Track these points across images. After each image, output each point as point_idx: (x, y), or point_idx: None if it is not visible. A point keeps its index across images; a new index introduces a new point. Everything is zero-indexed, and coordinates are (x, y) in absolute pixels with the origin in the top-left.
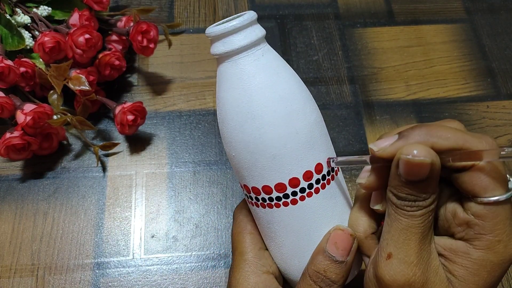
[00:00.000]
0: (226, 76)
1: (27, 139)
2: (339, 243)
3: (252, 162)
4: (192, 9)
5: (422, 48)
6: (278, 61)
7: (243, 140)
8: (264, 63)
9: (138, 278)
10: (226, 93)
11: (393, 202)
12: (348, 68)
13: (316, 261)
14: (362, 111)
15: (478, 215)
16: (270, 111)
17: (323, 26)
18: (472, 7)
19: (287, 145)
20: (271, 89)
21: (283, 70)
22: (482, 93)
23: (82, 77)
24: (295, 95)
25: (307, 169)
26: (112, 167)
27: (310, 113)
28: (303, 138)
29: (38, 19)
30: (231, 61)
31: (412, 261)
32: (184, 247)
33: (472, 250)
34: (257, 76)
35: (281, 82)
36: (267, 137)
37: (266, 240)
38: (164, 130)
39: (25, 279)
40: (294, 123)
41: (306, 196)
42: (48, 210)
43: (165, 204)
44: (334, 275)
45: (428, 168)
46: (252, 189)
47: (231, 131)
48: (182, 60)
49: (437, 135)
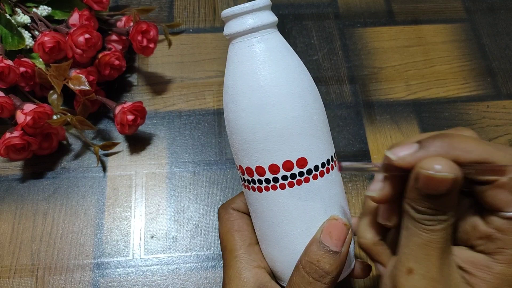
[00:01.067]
0: (227, 57)
1: (27, 139)
2: (333, 233)
3: (231, 141)
4: (192, 9)
5: (422, 48)
6: (274, 52)
7: (226, 118)
8: (254, 51)
9: (138, 278)
10: (225, 72)
11: (412, 215)
12: (348, 68)
13: (309, 252)
14: (362, 111)
15: (500, 229)
16: (246, 97)
17: (323, 26)
18: (472, 7)
19: (256, 134)
20: (251, 77)
21: (276, 61)
22: (482, 93)
23: (82, 77)
24: (276, 88)
25: (272, 162)
26: (112, 167)
27: (291, 109)
28: (274, 131)
29: (38, 19)
30: (231, 44)
31: (434, 276)
32: (184, 247)
33: (493, 264)
34: (244, 62)
35: (266, 72)
36: (240, 121)
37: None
38: (164, 130)
39: (25, 279)
40: (267, 115)
41: (270, 188)
42: (48, 210)
43: (165, 204)
44: (328, 265)
45: (451, 183)
46: (238, 167)
47: (223, 107)
48: (182, 60)
49: (460, 148)
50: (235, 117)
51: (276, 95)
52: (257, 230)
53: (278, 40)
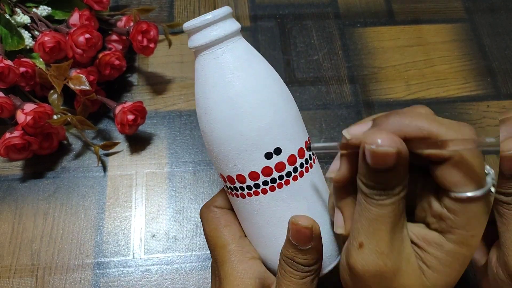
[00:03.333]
0: (195, 69)
1: (27, 139)
2: (297, 235)
3: (209, 152)
4: (192, 9)
5: (422, 48)
6: (240, 60)
7: (202, 130)
8: (220, 62)
9: (138, 278)
10: (195, 85)
11: (363, 190)
12: (348, 67)
13: (285, 248)
14: (362, 110)
15: (450, 210)
16: (218, 110)
17: (323, 26)
18: (472, 7)
19: (231, 145)
20: (221, 89)
21: (243, 70)
22: (482, 92)
23: (82, 76)
24: (247, 98)
25: (252, 170)
26: (112, 167)
27: (263, 117)
28: (249, 141)
29: (38, 19)
30: (198, 57)
31: (383, 251)
32: (184, 247)
33: (445, 242)
34: (212, 75)
35: (234, 82)
36: (215, 133)
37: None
38: (164, 130)
39: (25, 279)
40: (239, 126)
41: (253, 194)
42: (48, 210)
43: (165, 204)
44: (303, 260)
45: (394, 157)
46: (220, 175)
47: (198, 119)
48: (182, 59)
49: (410, 125)
50: (210, 129)
51: (247, 105)
52: (247, 232)
53: (243, 47)
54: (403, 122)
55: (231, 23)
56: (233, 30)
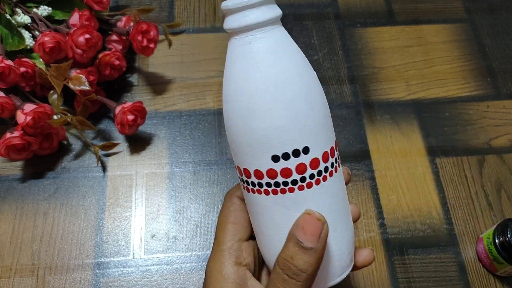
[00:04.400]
0: (227, 53)
1: (27, 139)
2: (307, 228)
3: (228, 139)
4: (192, 9)
5: (422, 48)
6: (267, 54)
7: (224, 117)
8: (246, 51)
9: (138, 278)
10: (224, 69)
11: None
12: (348, 68)
13: (285, 248)
14: (362, 111)
15: None
16: (235, 100)
17: (323, 26)
18: (472, 7)
19: (242, 138)
20: (241, 79)
21: (268, 64)
22: (482, 93)
23: (82, 77)
24: (265, 94)
25: (257, 168)
26: (112, 167)
27: (279, 118)
28: (259, 138)
29: (38, 19)
30: (230, 40)
31: None
32: (184, 247)
33: None
34: (236, 62)
35: (256, 75)
36: (230, 123)
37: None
38: (164, 130)
39: (25, 279)
40: (252, 121)
41: (256, 191)
42: (48, 210)
43: (165, 204)
44: (302, 262)
45: None
46: (236, 167)
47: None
48: (182, 60)
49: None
50: (227, 118)
51: (262, 101)
52: (252, 226)
53: (275, 38)
54: None
55: (267, 10)
56: (266, 18)
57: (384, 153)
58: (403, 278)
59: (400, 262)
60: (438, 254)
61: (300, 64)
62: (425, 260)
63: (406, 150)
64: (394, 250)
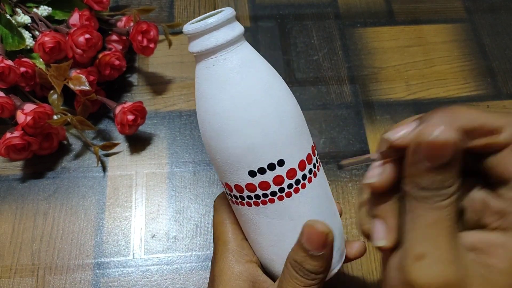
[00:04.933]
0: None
1: (27, 139)
2: (312, 239)
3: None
4: (192, 9)
5: (422, 48)
6: (233, 74)
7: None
8: (210, 74)
9: (138, 278)
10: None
11: (415, 195)
12: (348, 68)
13: (294, 252)
14: (362, 111)
15: None
16: (206, 121)
17: (323, 26)
18: (472, 7)
19: (217, 156)
20: (208, 102)
21: (233, 84)
22: (482, 93)
23: (82, 77)
24: (233, 114)
25: (236, 183)
26: (112, 167)
27: (249, 136)
28: (233, 157)
29: (38, 19)
30: (196, 62)
31: (447, 258)
32: (185, 247)
33: (511, 239)
34: (203, 85)
35: (222, 98)
36: (205, 141)
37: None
38: (164, 130)
39: (25, 279)
40: (224, 141)
41: (239, 203)
42: (48, 210)
43: (165, 204)
44: (312, 266)
45: (452, 148)
46: (224, 185)
47: None
48: (182, 60)
49: (462, 117)
50: (202, 137)
51: (232, 121)
52: (247, 236)
53: (239, 57)
54: (453, 115)
55: (226, 31)
56: (227, 39)
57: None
58: None
59: None
60: None
61: (267, 80)
62: None
63: None
64: None
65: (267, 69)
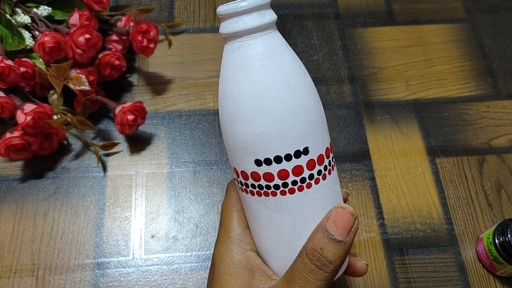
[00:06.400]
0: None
1: (27, 139)
2: (339, 221)
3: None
4: (192, 9)
5: (422, 48)
6: (255, 60)
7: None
8: (234, 57)
9: (138, 278)
10: None
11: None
12: (348, 68)
13: (314, 239)
14: (362, 111)
15: None
16: (224, 103)
17: (323, 26)
18: (472, 7)
19: (228, 140)
20: (228, 84)
21: (253, 72)
22: (482, 93)
23: (82, 77)
24: (248, 100)
25: (242, 169)
26: (112, 167)
27: (260, 124)
28: (242, 142)
29: (38, 19)
30: (225, 44)
31: None
32: (184, 247)
33: None
34: (226, 67)
35: (241, 81)
36: (221, 124)
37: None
38: (164, 130)
39: (25, 279)
40: (236, 125)
41: (243, 190)
42: (48, 210)
43: (165, 204)
44: (331, 254)
45: None
46: (233, 169)
47: None
48: (182, 60)
49: None
50: (220, 119)
51: (246, 107)
52: (251, 229)
53: (265, 45)
54: None
55: (258, 16)
56: (256, 24)
57: (384, 153)
58: (403, 278)
59: (400, 262)
60: (438, 254)
61: (288, 72)
62: (425, 260)
63: (406, 150)
64: (394, 250)
65: (291, 62)
